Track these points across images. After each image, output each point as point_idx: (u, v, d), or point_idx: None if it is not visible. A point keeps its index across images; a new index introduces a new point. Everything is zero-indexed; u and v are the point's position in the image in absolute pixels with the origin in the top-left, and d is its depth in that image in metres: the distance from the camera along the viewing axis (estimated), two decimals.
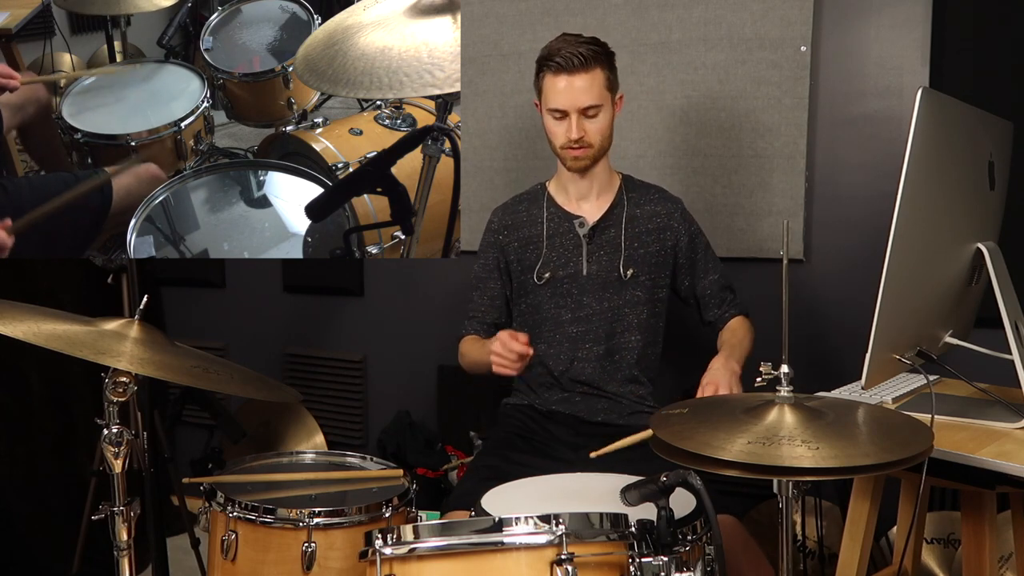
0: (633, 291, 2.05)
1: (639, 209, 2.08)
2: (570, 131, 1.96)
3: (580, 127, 1.96)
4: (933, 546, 2.36)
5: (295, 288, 3.47)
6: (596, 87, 1.94)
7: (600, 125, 1.98)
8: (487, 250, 2.16)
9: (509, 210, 2.17)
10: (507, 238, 2.13)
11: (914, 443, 1.30)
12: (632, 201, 2.09)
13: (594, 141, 1.98)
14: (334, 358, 3.39)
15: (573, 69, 1.92)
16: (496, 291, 2.15)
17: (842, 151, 2.51)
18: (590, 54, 1.93)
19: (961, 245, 1.73)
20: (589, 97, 1.94)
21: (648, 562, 1.30)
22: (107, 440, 1.49)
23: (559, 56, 1.93)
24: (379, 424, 3.25)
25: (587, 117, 1.96)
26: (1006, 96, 2.24)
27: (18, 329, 1.40)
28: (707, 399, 1.71)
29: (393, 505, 1.71)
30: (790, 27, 2.49)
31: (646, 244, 2.06)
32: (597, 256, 2.06)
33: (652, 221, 2.08)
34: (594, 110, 1.95)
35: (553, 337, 2.08)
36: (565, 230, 2.08)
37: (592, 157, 2.01)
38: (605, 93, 1.96)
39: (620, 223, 2.06)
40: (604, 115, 1.98)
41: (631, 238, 2.06)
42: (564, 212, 2.09)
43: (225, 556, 1.67)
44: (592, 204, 2.08)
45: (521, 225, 2.12)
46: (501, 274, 2.14)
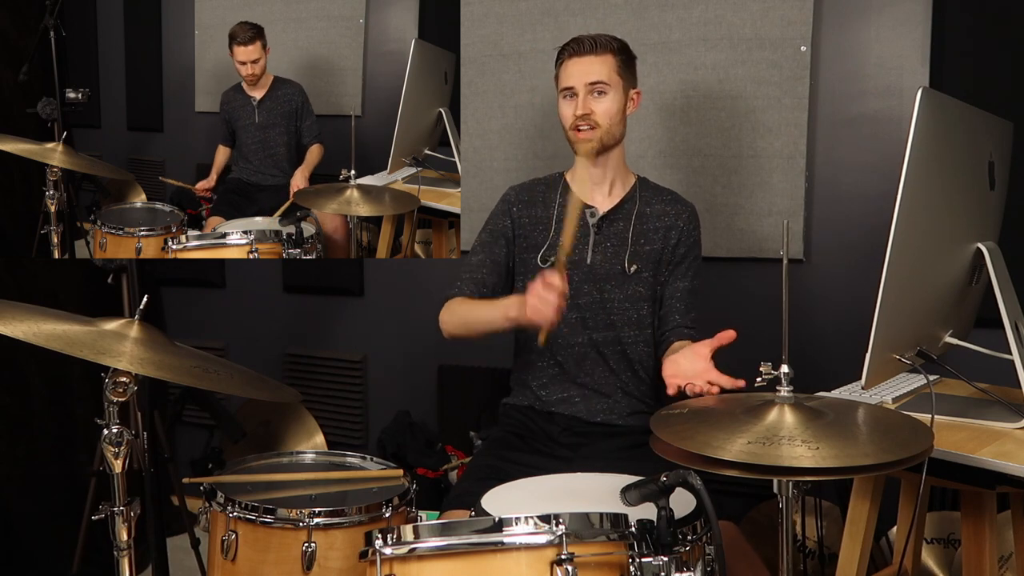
0: (635, 287, 2.05)
1: (650, 208, 2.08)
2: (577, 108, 1.98)
3: (586, 104, 1.98)
4: (933, 546, 2.36)
5: (295, 288, 3.47)
6: (605, 68, 1.98)
7: (607, 106, 1.99)
8: (499, 218, 2.14)
9: (526, 188, 2.16)
10: (520, 212, 2.12)
11: (914, 443, 1.30)
12: (644, 199, 2.09)
13: (601, 121, 1.99)
14: (334, 358, 3.39)
15: (583, 51, 1.99)
16: (500, 257, 2.11)
17: (842, 151, 2.51)
18: (602, 41, 1.99)
19: (961, 245, 1.73)
20: (596, 74, 1.97)
21: (648, 562, 1.30)
22: (107, 440, 1.48)
23: (574, 41, 2.01)
24: (379, 424, 3.25)
25: (594, 97, 1.98)
26: (1006, 96, 2.24)
27: (18, 329, 1.40)
28: (706, 400, 1.70)
29: (393, 505, 1.71)
30: (790, 27, 2.49)
31: (652, 241, 2.06)
32: (603, 247, 2.06)
33: (660, 220, 2.07)
34: (601, 88, 1.98)
35: (558, 327, 2.05)
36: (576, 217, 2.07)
37: (599, 139, 2.00)
38: (615, 77, 1.99)
39: (630, 218, 2.06)
40: (613, 97, 1.99)
41: (638, 234, 2.06)
42: (578, 200, 2.08)
43: (225, 556, 1.67)
44: (605, 196, 2.08)
45: (536, 204, 2.12)
46: (508, 243, 2.12)
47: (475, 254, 2.13)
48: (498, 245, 2.11)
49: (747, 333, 2.27)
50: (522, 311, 1.80)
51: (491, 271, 2.10)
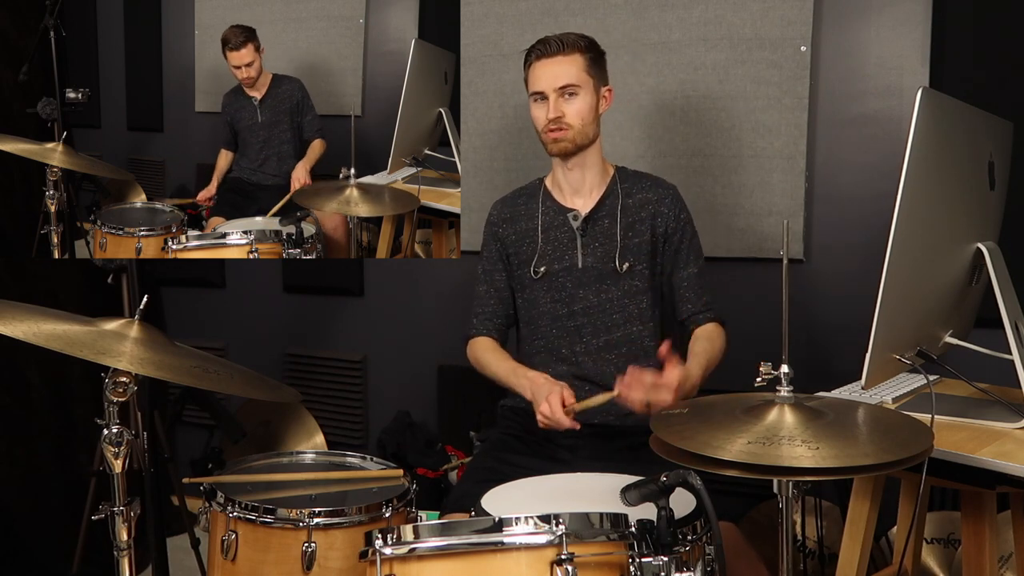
0: (631, 281, 2.04)
1: (631, 198, 2.07)
2: (548, 111, 1.98)
3: (557, 107, 1.97)
4: (933, 546, 2.36)
5: (295, 288, 3.47)
6: (574, 69, 1.97)
7: (578, 107, 1.98)
8: (489, 243, 2.16)
9: (508, 203, 2.17)
10: (505, 231, 2.13)
11: (914, 443, 1.30)
12: (625, 191, 2.08)
13: (573, 123, 1.99)
14: (334, 358, 3.39)
15: (551, 53, 1.98)
16: (502, 284, 2.14)
17: (842, 151, 2.51)
18: (569, 40, 1.98)
19: (961, 245, 1.73)
20: (565, 77, 1.97)
21: (648, 562, 1.30)
22: (107, 440, 1.48)
23: (540, 44, 2.00)
24: (379, 424, 3.25)
25: (565, 99, 1.98)
26: (1006, 96, 2.24)
27: (18, 329, 1.40)
28: (707, 399, 1.70)
29: (393, 505, 1.71)
30: (790, 27, 2.48)
31: (640, 233, 2.05)
32: (592, 248, 2.05)
33: (644, 209, 2.06)
34: (571, 89, 1.97)
35: (550, 332, 2.07)
36: (559, 223, 2.07)
37: (572, 140, 2.00)
38: (584, 76, 1.98)
39: (614, 214, 2.05)
40: (583, 98, 1.98)
41: (625, 227, 2.05)
42: (559, 206, 2.09)
43: (225, 556, 1.67)
44: (585, 197, 2.08)
45: (518, 218, 2.12)
46: (505, 266, 2.14)
47: (479, 284, 2.17)
48: (496, 271, 2.14)
49: (747, 333, 2.28)
50: (532, 398, 1.89)
51: (498, 300, 2.14)
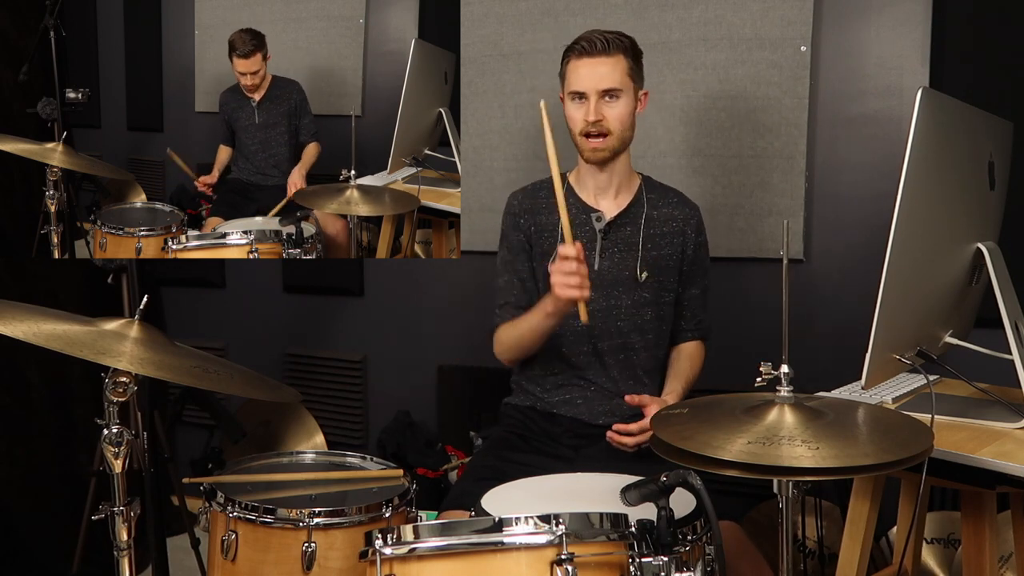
0: (642, 292, 2.04)
1: (657, 211, 2.06)
2: (588, 113, 1.93)
3: (598, 110, 1.93)
4: (933, 546, 2.36)
5: (295, 288, 3.47)
6: (618, 72, 1.93)
7: (619, 112, 1.95)
8: (511, 232, 2.11)
9: (528, 195, 2.12)
10: (528, 221, 2.08)
11: (914, 443, 1.30)
12: (651, 202, 2.07)
13: (613, 128, 1.95)
14: (334, 358, 3.39)
15: (595, 52, 1.93)
16: (526, 273, 2.09)
17: (842, 151, 2.51)
18: (614, 39, 1.93)
19: (961, 245, 1.73)
20: (610, 80, 1.92)
21: (648, 562, 1.30)
22: (107, 440, 1.48)
23: (583, 40, 1.94)
24: (379, 424, 3.25)
25: (606, 102, 1.94)
26: (1006, 96, 2.24)
27: (18, 329, 1.40)
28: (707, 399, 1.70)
29: (393, 505, 1.71)
30: (790, 27, 2.49)
31: (660, 247, 2.05)
32: (610, 252, 2.04)
33: (669, 225, 2.06)
34: (614, 94, 1.93)
35: (560, 329, 2.05)
36: (582, 222, 2.04)
37: (611, 148, 1.97)
38: (627, 80, 1.94)
39: (638, 223, 2.04)
40: (624, 102, 1.95)
41: (648, 239, 2.04)
42: (583, 204, 2.06)
43: (225, 556, 1.67)
44: (611, 200, 2.05)
45: (540, 211, 2.09)
46: (528, 256, 2.09)
47: (500, 275, 2.12)
48: (519, 261, 2.09)
49: (747, 333, 2.29)
50: (554, 298, 1.83)
51: (520, 289, 2.09)
